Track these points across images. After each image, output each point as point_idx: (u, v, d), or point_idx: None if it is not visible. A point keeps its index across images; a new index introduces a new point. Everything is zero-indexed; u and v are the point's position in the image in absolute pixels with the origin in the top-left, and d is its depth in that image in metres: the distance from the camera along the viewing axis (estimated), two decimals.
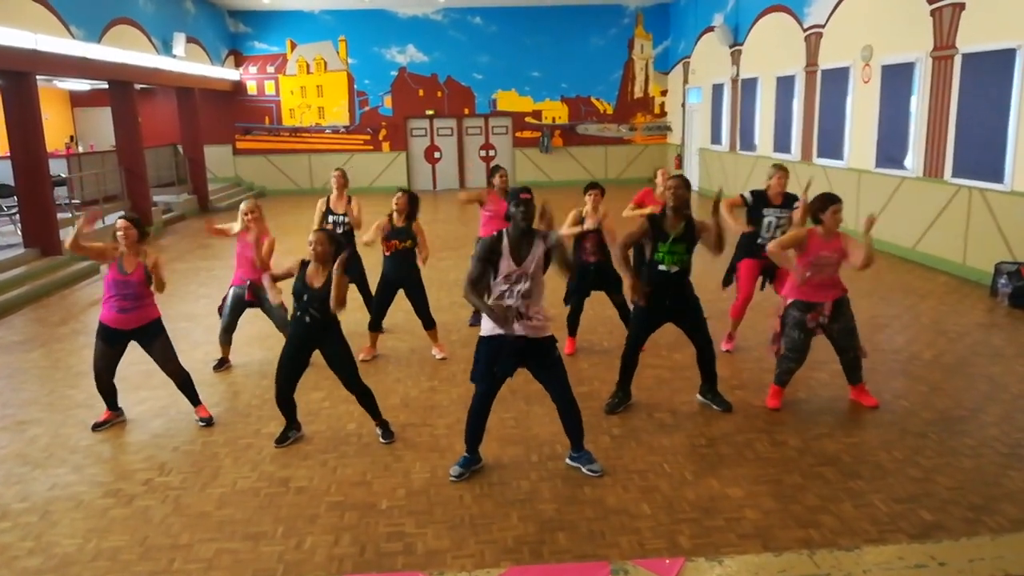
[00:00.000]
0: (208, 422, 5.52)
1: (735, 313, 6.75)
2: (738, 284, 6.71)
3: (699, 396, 5.69)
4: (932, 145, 9.88)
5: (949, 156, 9.54)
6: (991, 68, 8.75)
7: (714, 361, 5.53)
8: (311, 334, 4.98)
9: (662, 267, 5.18)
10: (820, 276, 5.23)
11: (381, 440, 5.16)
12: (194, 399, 5.61)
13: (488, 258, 4.37)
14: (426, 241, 6.77)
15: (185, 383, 5.56)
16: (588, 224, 6.47)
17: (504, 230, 4.43)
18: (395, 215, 6.57)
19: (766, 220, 6.41)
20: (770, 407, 5.51)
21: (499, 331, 4.40)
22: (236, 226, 6.50)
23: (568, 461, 4.73)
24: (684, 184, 5.18)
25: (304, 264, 4.97)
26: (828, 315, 5.28)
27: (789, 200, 6.44)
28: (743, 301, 6.66)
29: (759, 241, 6.40)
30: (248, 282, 6.47)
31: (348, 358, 5.08)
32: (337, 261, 4.73)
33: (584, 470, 4.62)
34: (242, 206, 6.46)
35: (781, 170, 6.49)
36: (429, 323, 6.84)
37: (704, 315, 5.43)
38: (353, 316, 7.15)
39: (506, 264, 4.35)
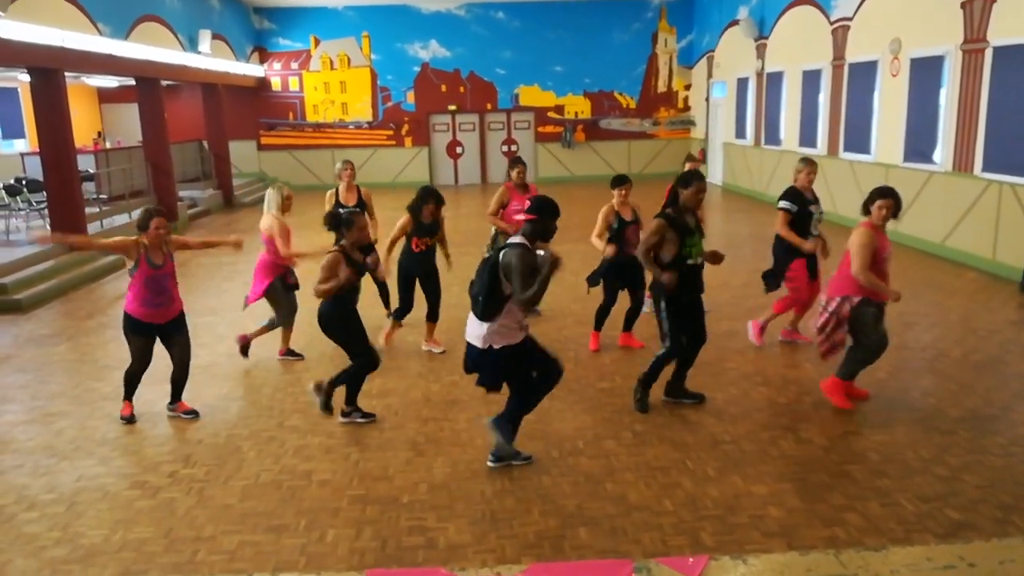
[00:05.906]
0: (194, 415, 5.57)
1: (783, 308, 6.67)
2: (796, 284, 6.46)
3: (666, 397, 5.56)
4: (962, 139, 9.71)
5: (979, 150, 9.37)
6: (1023, 61, 8.57)
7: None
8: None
9: (690, 261, 5.20)
10: (887, 269, 5.15)
11: (319, 408, 5.30)
12: (179, 395, 5.64)
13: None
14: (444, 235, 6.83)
15: (184, 378, 5.62)
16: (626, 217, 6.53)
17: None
18: (426, 215, 6.54)
19: (813, 218, 6.30)
20: (844, 407, 5.35)
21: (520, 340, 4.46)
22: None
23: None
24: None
25: (346, 255, 5.15)
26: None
27: (813, 194, 6.37)
28: (805, 301, 6.49)
29: (809, 238, 6.32)
30: (285, 269, 6.51)
31: None
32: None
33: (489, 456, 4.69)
34: (275, 192, 6.46)
35: (810, 164, 6.43)
36: (435, 316, 6.88)
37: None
38: (372, 311, 7.19)
39: None
